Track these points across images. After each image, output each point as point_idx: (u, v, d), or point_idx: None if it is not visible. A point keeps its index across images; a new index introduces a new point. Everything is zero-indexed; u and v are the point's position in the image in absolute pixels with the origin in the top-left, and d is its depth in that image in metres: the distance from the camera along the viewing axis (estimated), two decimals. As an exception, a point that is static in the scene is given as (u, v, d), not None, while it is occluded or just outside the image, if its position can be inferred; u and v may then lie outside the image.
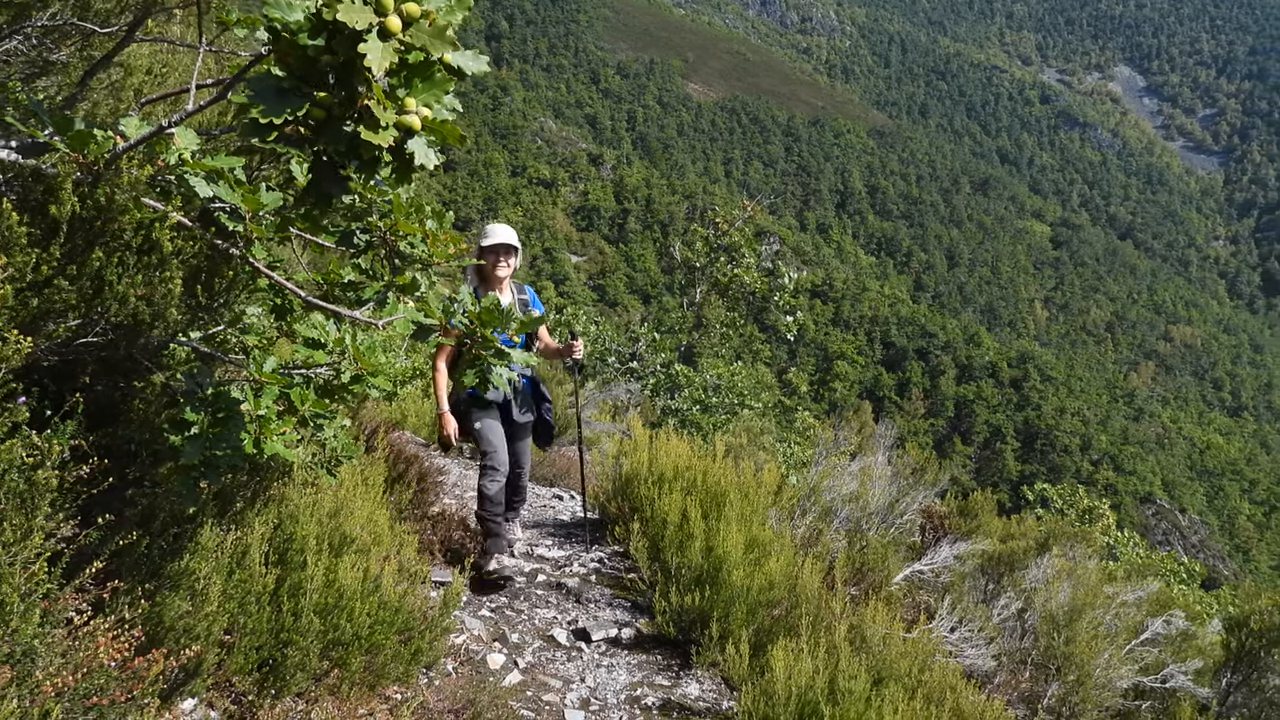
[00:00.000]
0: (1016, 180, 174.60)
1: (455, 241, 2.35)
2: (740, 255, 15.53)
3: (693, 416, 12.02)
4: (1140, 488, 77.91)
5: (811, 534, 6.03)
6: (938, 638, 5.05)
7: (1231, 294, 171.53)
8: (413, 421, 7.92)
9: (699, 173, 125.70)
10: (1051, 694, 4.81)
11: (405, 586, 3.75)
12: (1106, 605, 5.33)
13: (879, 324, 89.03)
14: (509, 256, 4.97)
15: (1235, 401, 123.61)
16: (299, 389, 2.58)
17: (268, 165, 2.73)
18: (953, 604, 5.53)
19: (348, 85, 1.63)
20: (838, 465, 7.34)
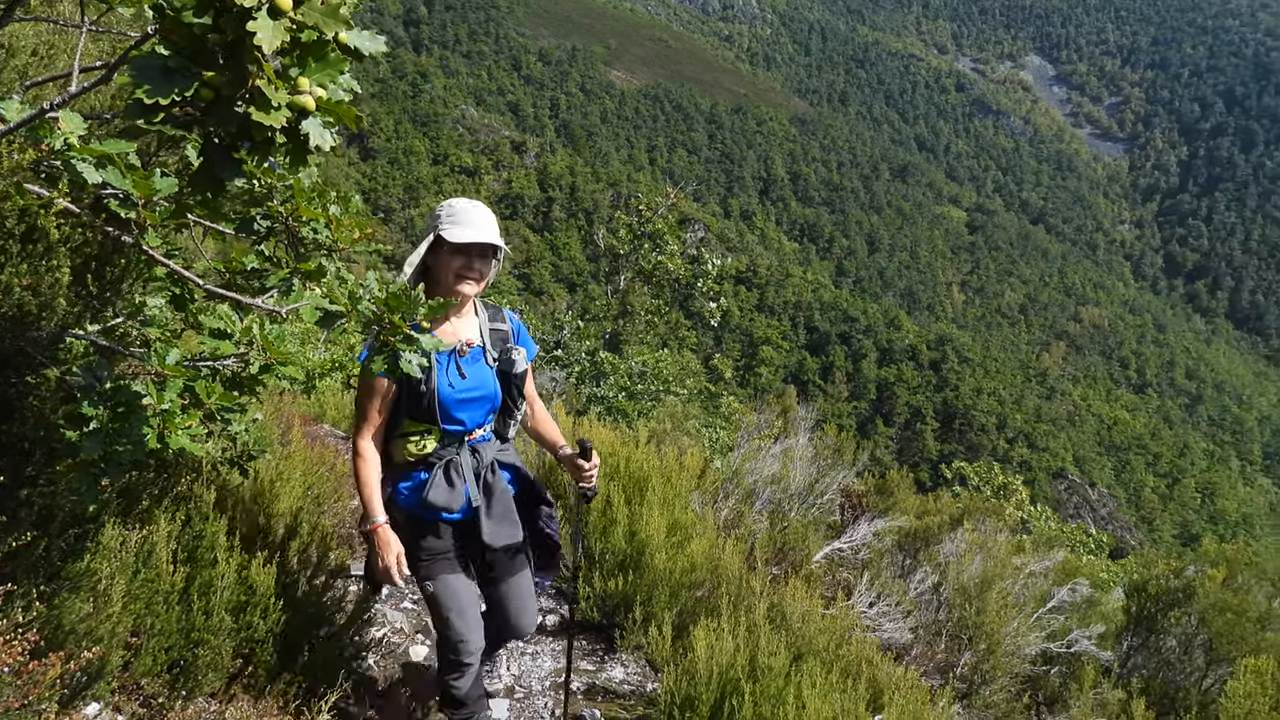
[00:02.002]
0: (934, 167, 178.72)
1: (361, 226, 2.31)
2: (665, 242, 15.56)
3: (618, 404, 12.05)
4: (1053, 463, 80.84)
5: (734, 516, 6.11)
6: (856, 613, 5.17)
7: (1136, 276, 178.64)
8: (333, 415, 7.77)
9: (623, 160, 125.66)
10: (964, 663, 4.98)
11: (323, 581, 3.69)
12: (1015, 576, 5.53)
13: (803, 309, 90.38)
14: (484, 263, 2.91)
15: (1140, 379, 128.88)
16: (205, 381, 2.51)
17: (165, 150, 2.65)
18: (871, 580, 5.67)
19: (237, 65, 1.58)
20: (761, 448, 7.45)
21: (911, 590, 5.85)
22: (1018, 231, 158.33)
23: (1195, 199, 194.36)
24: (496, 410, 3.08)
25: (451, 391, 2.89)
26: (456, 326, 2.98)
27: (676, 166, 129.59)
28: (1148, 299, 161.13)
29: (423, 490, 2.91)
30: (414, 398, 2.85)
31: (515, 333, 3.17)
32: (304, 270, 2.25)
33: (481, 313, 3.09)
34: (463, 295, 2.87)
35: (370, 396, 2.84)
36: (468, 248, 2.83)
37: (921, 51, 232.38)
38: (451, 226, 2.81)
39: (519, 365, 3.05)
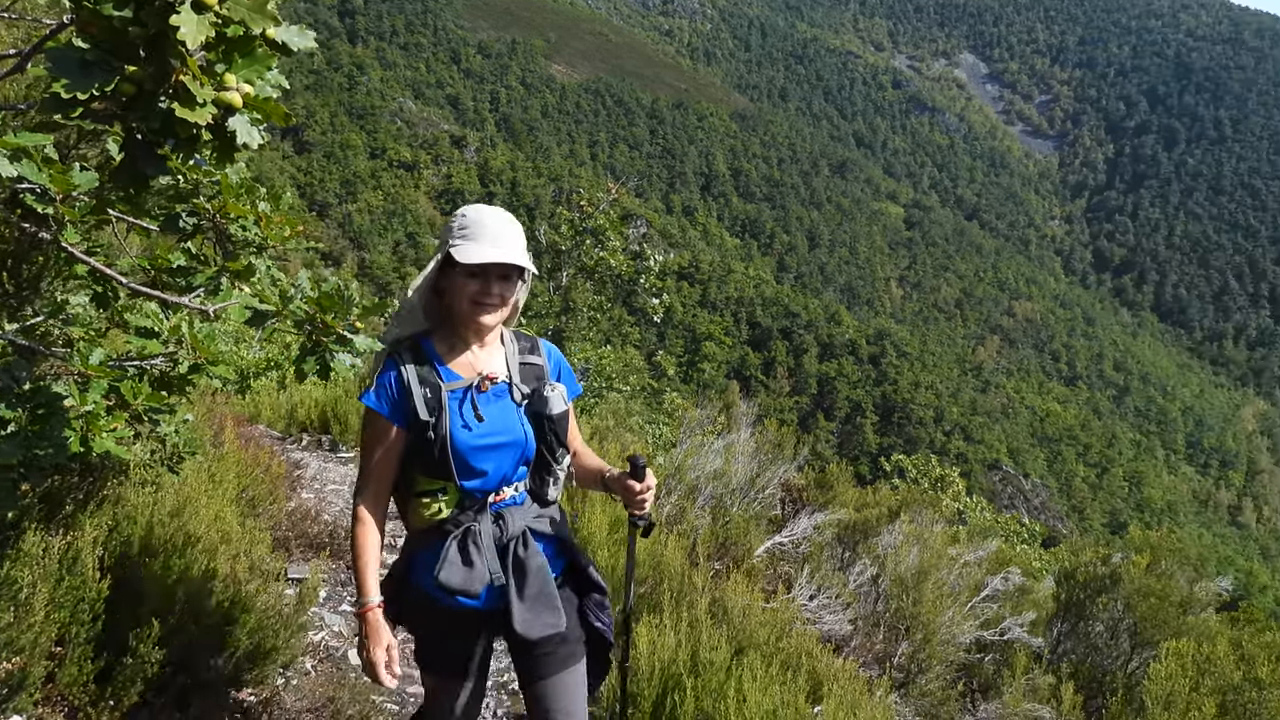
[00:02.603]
0: (872, 163, 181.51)
1: (293, 224, 2.27)
2: (607, 238, 15.53)
3: (561, 400, 12.03)
4: (988, 455, 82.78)
5: (677, 512, 6.13)
6: (797, 606, 5.23)
7: (1066, 270, 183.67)
8: (268, 415, 7.62)
9: (564, 155, 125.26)
10: (901, 652, 5.07)
11: (257, 585, 3.61)
12: (951, 566, 5.65)
13: (745, 305, 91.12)
14: (506, 286, 2.39)
15: (1071, 371, 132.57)
16: (131, 382, 2.44)
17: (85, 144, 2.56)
18: (811, 573, 5.74)
19: (159, 60, 1.52)
20: (703, 444, 7.49)
21: (851, 582, 5.94)
22: (953, 227, 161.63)
23: (1121, 195, 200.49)
24: (529, 462, 2.45)
25: (468, 436, 2.31)
26: (477, 358, 2.42)
27: (618, 162, 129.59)
28: (1077, 293, 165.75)
29: (433, 567, 2.33)
30: (423, 446, 2.31)
31: (553, 368, 2.58)
32: (233, 269, 2.20)
33: (510, 344, 2.53)
34: (482, 326, 2.33)
35: (370, 445, 2.34)
36: (484, 269, 2.29)
37: (859, 48, 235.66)
38: (464, 243, 2.26)
39: (555, 405, 2.43)
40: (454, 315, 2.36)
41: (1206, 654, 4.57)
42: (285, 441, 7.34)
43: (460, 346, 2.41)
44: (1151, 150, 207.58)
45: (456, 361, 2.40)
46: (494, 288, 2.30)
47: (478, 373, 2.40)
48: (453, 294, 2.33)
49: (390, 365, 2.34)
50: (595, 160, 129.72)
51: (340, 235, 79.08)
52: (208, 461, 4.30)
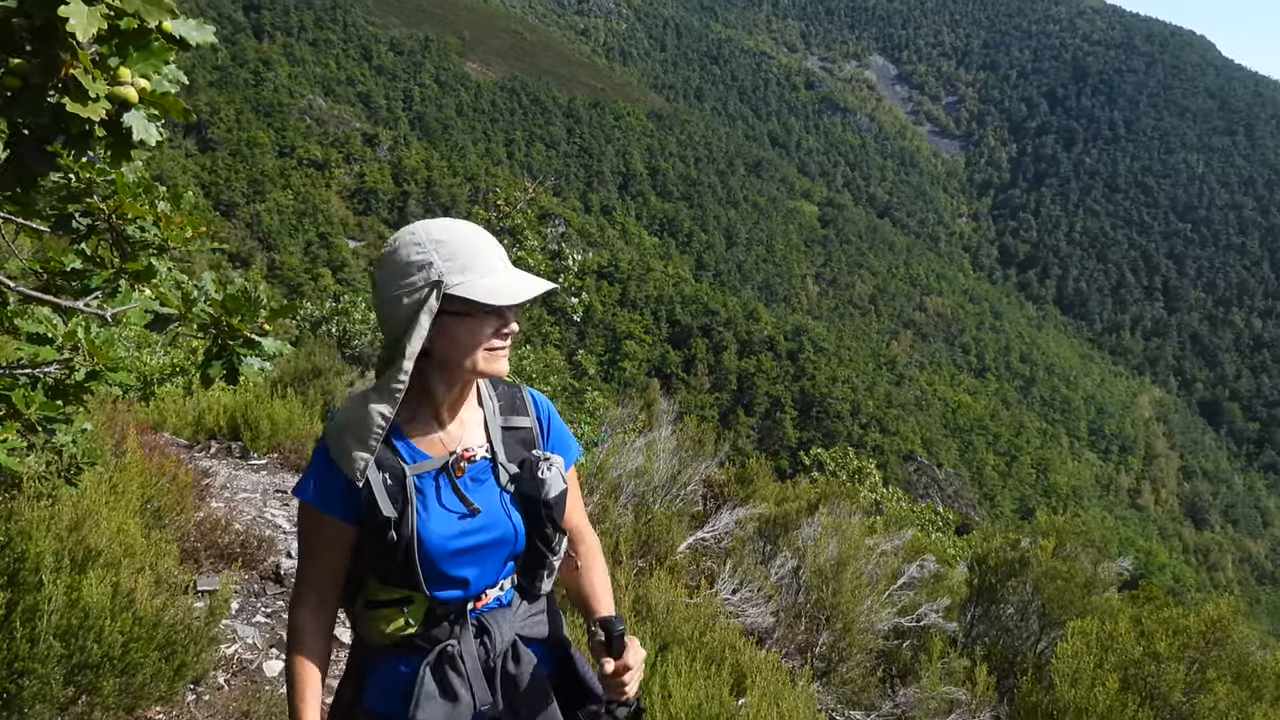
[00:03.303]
0: (786, 162, 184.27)
1: (195, 224, 2.19)
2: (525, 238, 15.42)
3: (481, 401, 11.91)
4: (903, 446, 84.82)
5: (599, 511, 6.13)
6: (720, 600, 5.29)
7: (974, 266, 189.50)
8: (174, 422, 7.35)
9: (481, 154, 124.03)
10: (822, 642, 5.16)
11: (165, 599, 3.49)
12: (868, 556, 5.78)
13: (664, 303, 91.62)
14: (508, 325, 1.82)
15: (980, 363, 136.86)
16: (23, 390, 2.33)
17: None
18: (734, 567, 5.80)
19: (47, 52, 1.43)
20: (625, 442, 7.51)
21: (772, 575, 6.02)
22: (866, 225, 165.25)
23: (1025, 193, 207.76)
24: (519, 556, 1.89)
25: (444, 538, 1.76)
26: (448, 429, 1.84)
27: (535, 160, 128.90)
28: (985, 288, 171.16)
29: (402, 697, 1.80)
30: (382, 549, 1.75)
31: (544, 427, 2.00)
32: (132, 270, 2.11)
33: (489, 402, 1.94)
34: (499, 375, 1.80)
35: (310, 548, 1.83)
36: (499, 313, 1.74)
37: (772, 49, 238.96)
38: (471, 276, 1.70)
39: (552, 486, 1.86)
40: (453, 374, 1.78)
41: (1110, 632, 4.77)
42: (193, 449, 7.10)
43: (426, 414, 1.82)
44: (1052, 150, 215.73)
45: (422, 435, 1.82)
46: (514, 325, 1.77)
47: (450, 450, 1.82)
48: (453, 345, 1.73)
49: (322, 446, 1.80)
50: (512, 159, 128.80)
51: (248, 236, 76.77)
52: (109, 472, 4.13)
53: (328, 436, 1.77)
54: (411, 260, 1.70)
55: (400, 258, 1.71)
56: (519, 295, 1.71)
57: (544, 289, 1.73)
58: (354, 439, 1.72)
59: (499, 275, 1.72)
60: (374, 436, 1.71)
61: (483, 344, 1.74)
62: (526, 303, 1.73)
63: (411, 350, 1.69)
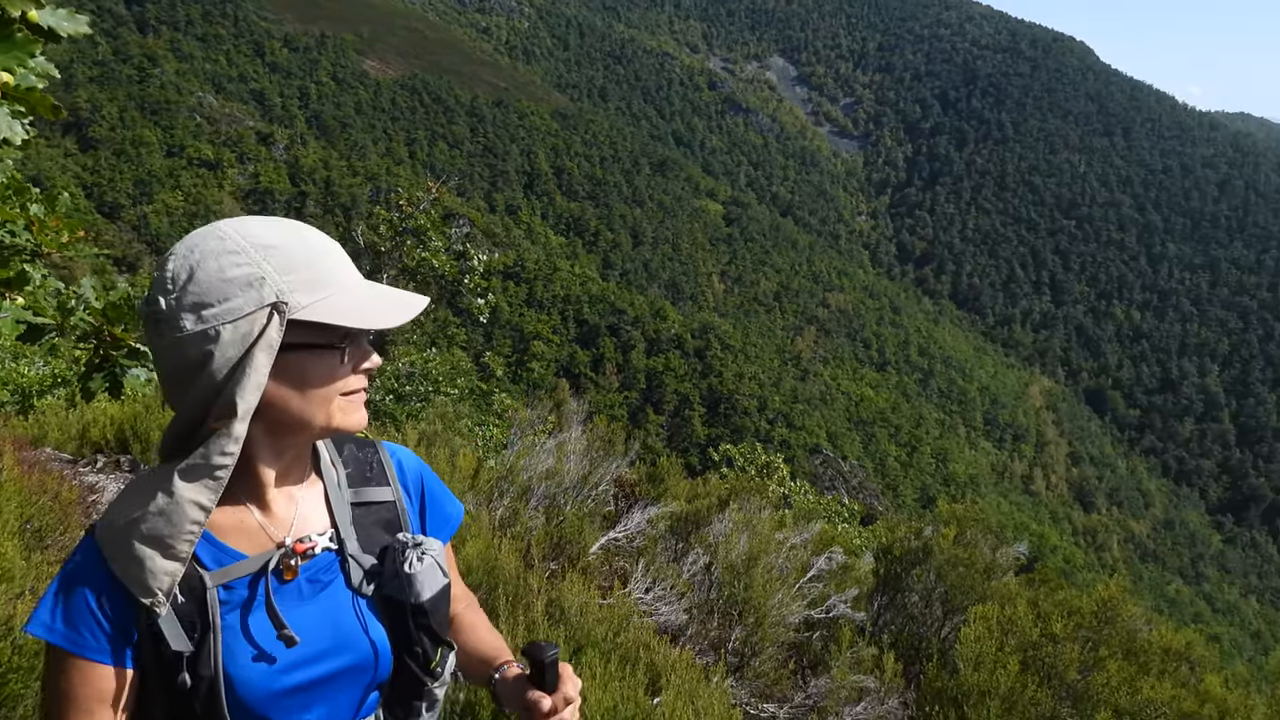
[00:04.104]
0: (691, 162, 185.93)
1: (72, 228, 2.06)
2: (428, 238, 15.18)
3: (385, 407, 11.65)
4: (809, 440, 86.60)
5: (510, 514, 6.06)
6: (633, 600, 5.28)
7: (874, 263, 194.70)
8: (56, 436, 6.97)
9: (381, 153, 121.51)
10: (735, 637, 5.21)
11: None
12: (778, 550, 5.86)
13: (571, 303, 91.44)
14: (368, 358, 1.30)
15: (881, 358, 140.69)
16: (-119, 408, 2.16)
17: None
18: (646, 566, 5.81)
19: None
20: (535, 444, 7.44)
21: (685, 572, 6.05)
22: (770, 223, 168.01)
23: (920, 192, 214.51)
24: (384, 684, 1.38)
25: (267, 674, 1.24)
26: (271, 511, 1.31)
27: (438, 160, 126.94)
28: (884, 284, 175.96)
29: None
30: (176, 697, 1.21)
31: (413, 499, 1.49)
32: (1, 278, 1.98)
33: (332, 470, 1.41)
34: (355, 429, 1.29)
35: (61, 703, 1.18)
36: (357, 334, 1.28)
37: (675, 50, 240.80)
38: (326, 293, 1.22)
39: (426, 584, 1.35)
40: (282, 435, 1.25)
41: (1009, 615, 4.94)
42: (77, 465, 6.74)
43: (239, 494, 1.26)
44: (945, 150, 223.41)
45: (233, 525, 1.27)
46: (376, 357, 1.30)
47: (276, 541, 1.29)
48: (294, 394, 1.21)
49: (91, 555, 1.20)
50: (414, 159, 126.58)
51: (135, 239, 73.56)
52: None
53: (102, 544, 1.18)
54: (229, 277, 1.16)
55: (208, 276, 1.16)
56: (394, 316, 1.23)
57: (421, 307, 1.26)
58: (153, 544, 1.15)
59: (357, 291, 1.25)
60: (186, 539, 1.16)
61: (339, 388, 1.25)
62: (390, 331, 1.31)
63: (246, 407, 1.16)
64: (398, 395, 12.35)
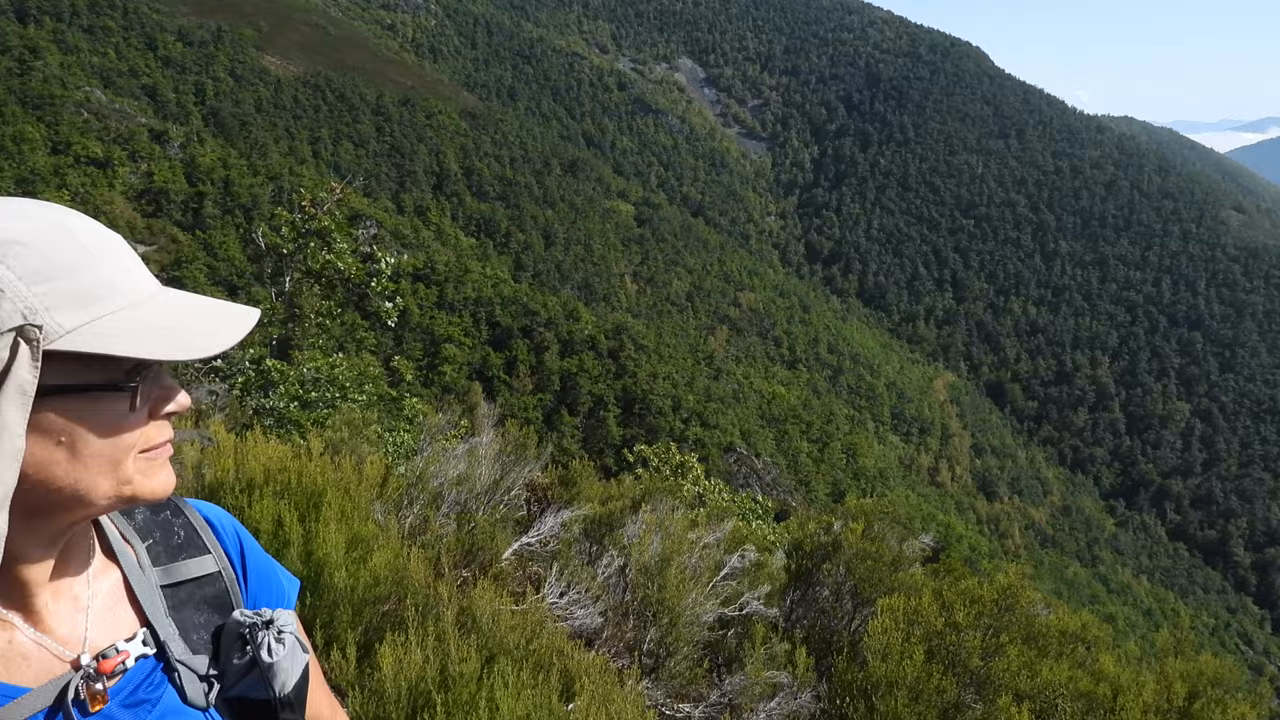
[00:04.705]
0: (602, 162, 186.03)
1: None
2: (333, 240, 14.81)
3: (290, 414, 11.31)
4: (723, 439, 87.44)
5: (420, 522, 5.95)
6: (547, 605, 5.24)
7: (783, 262, 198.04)
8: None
9: (284, 153, 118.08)
10: (650, 639, 5.21)
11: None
12: (692, 549, 5.89)
13: (483, 305, 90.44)
14: (173, 396, 0.89)
15: (792, 355, 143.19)
16: None
17: None
18: (560, 570, 5.77)
19: None
20: (445, 449, 7.32)
21: (599, 575, 6.03)
22: (681, 224, 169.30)
23: (827, 192, 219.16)
24: None
25: None
26: (56, 618, 0.94)
27: (343, 160, 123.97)
28: (794, 283, 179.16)
29: None
30: None
31: (239, 565, 1.15)
32: None
33: (128, 548, 1.05)
34: (159, 497, 0.92)
35: None
36: (157, 365, 0.91)
37: (584, 50, 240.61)
38: (103, 308, 0.85)
39: (291, 671, 1.03)
40: (51, 516, 0.87)
41: (914, 606, 5.07)
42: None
43: (16, 594, 0.91)
44: (850, 151, 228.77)
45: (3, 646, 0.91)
46: (184, 396, 0.94)
47: (70, 663, 0.94)
48: (66, 459, 0.83)
49: None
50: (318, 158, 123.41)
51: (20, 242, 69.77)
52: None
53: None
54: None
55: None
56: (207, 340, 0.89)
57: (249, 323, 0.92)
58: None
59: (150, 305, 0.89)
60: None
61: (132, 443, 0.88)
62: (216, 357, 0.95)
63: (4, 489, 0.77)
64: (304, 402, 12.01)
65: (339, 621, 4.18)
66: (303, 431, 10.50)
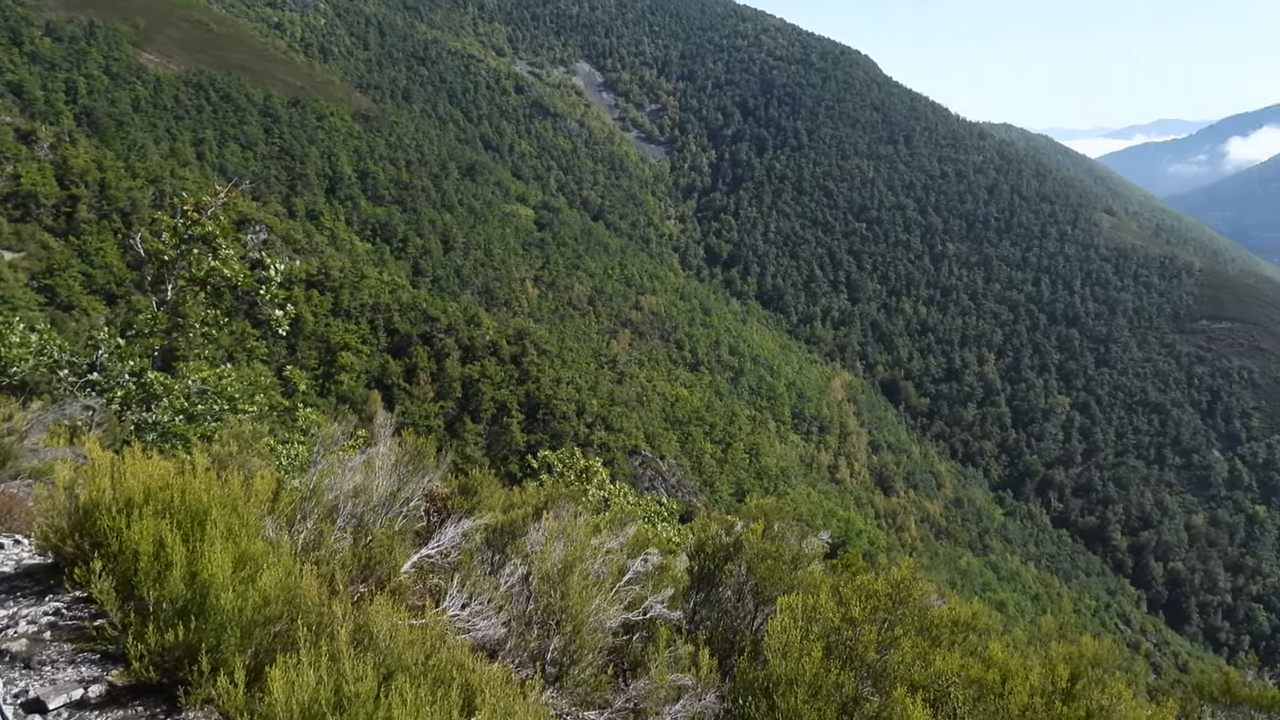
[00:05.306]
0: (500, 166, 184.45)
1: None
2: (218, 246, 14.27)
3: (175, 428, 10.83)
4: (628, 442, 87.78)
5: (314, 537, 5.76)
6: (448, 618, 5.14)
7: (684, 266, 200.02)
8: None
9: (165, 154, 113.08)
10: (554, 647, 5.17)
11: None
12: (595, 555, 5.87)
13: (381, 311, 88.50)
14: None
15: (694, 358, 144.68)
16: None
17: None
18: (462, 581, 5.66)
19: None
20: (341, 461, 7.11)
21: (502, 585, 5.95)
22: (581, 228, 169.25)
23: (725, 196, 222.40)
24: None
25: None
26: None
27: (230, 162, 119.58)
28: (694, 286, 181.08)
29: None
30: None
31: None
32: None
33: None
34: None
35: None
36: None
37: (480, 52, 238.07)
38: None
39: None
40: None
41: (813, 604, 5.16)
42: None
43: None
44: (746, 156, 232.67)
45: None
46: None
47: None
48: None
49: None
50: (203, 160, 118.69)
51: (-128, 250, 65.05)
52: None
53: None
54: None
55: None
56: None
57: None
58: None
59: None
60: None
61: None
62: None
63: None
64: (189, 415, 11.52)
65: (226, 645, 4.00)
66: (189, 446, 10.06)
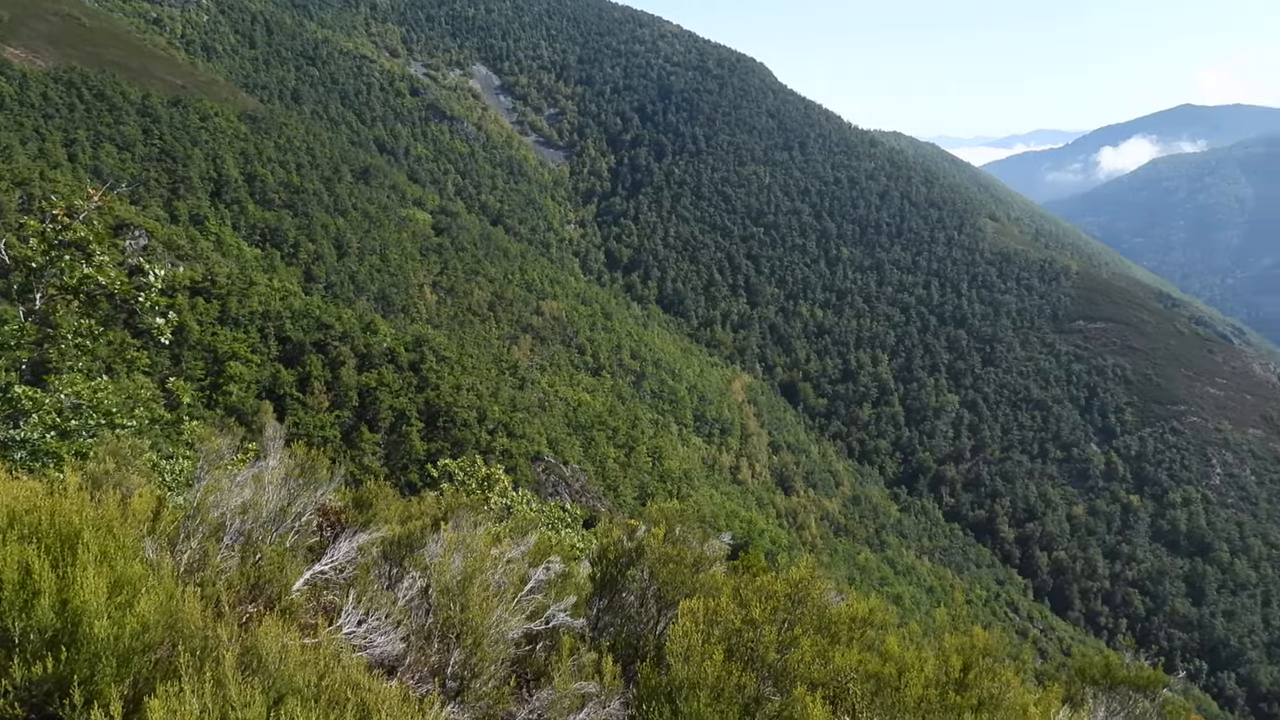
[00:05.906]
0: (396, 169, 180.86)
1: None
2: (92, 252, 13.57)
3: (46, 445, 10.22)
4: (530, 448, 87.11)
5: (199, 557, 5.50)
6: (343, 635, 4.97)
7: (584, 270, 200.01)
8: None
9: (32, 155, 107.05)
10: (455, 661, 5.06)
11: None
12: (495, 565, 5.77)
13: (271, 319, 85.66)
14: None
15: (596, 363, 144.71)
16: None
17: None
18: (358, 597, 5.50)
19: None
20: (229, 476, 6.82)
21: (401, 599, 5.80)
22: (480, 232, 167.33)
23: (624, 201, 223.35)
24: None
25: None
26: None
27: (105, 164, 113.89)
28: (595, 291, 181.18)
29: None
30: None
31: None
32: None
33: None
34: None
35: None
36: None
37: (373, 53, 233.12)
38: None
39: None
40: None
41: (714, 606, 5.19)
42: None
43: None
44: (645, 161, 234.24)
45: None
46: None
47: None
48: None
49: None
50: (74, 162, 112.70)
51: None
52: None
53: None
54: None
55: None
56: None
57: None
58: None
59: None
60: None
61: None
62: None
63: None
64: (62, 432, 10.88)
65: (101, 676, 3.78)
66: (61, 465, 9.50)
